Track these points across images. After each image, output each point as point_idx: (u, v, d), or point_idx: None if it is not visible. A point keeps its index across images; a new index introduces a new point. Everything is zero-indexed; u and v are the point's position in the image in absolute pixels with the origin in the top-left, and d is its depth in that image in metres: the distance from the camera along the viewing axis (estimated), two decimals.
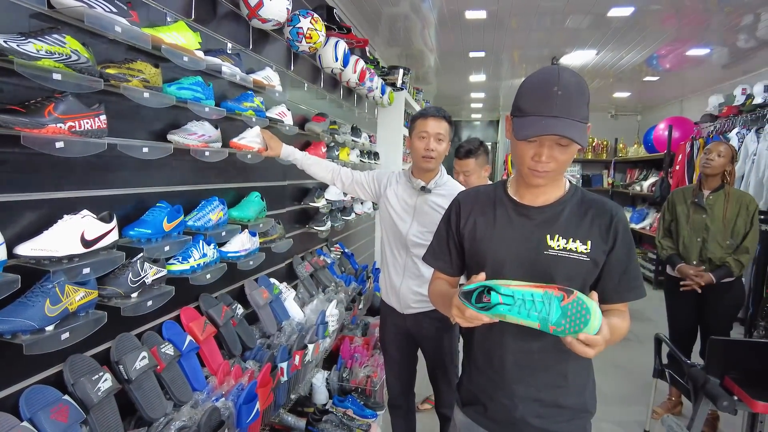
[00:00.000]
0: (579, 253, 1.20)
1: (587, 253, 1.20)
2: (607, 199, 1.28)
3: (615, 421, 3.26)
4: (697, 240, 3.09)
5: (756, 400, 2.18)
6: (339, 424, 2.43)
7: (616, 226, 1.22)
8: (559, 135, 1.09)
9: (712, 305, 3.06)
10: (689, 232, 3.13)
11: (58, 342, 1.16)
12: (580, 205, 1.25)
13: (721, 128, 5.70)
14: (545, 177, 1.19)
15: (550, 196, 1.26)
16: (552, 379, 1.27)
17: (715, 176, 3.08)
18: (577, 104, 1.12)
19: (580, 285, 1.21)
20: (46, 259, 1.16)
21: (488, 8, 4.32)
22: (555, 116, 1.10)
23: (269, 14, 2.09)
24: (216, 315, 1.89)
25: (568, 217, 1.23)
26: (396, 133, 5.01)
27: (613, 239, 1.22)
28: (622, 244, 1.22)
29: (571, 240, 1.21)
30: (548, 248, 1.21)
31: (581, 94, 1.13)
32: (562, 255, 1.20)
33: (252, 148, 2.06)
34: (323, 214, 3.03)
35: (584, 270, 1.21)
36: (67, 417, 1.16)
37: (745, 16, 4.30)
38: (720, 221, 3.01)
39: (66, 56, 1.14)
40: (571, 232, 1.21)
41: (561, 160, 1.16)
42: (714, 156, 3.04)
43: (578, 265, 1.20)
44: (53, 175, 1.28)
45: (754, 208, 3.00)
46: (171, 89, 1.58)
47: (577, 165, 10.01)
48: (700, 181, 3.18)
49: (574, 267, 1.20)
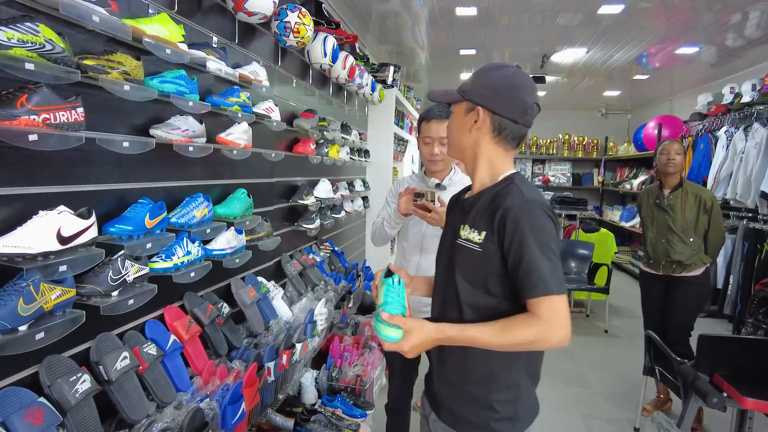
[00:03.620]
0: (473, 243, 1.23)
1: (479, 244, 1.22)
2: (522, 192, 1.21)
3: (605, 418, 3.27)
4: (662, 241, 3.13)
5: (745, 397, 2.18)
6: (328, 424, 2.40)
7: (503, 216, 1.18)
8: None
9: (675, 300, 3.12)
10: (655, 234, 3.18)
11: (33, 342, 1.12)
12: (494, 197, 1.25)
13: (709, 126, 5.74)
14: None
15: (476, 188, 1.34)
16: (457, 365, 1.31)
17: (675, 174, 3.13)
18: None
19: (479, 276, 1.23)
20: (20, 257, 1.11)
21: (479, 5, 4.31)
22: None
23: (255, 7, 2.05)
24: (201, 314, 1.85)
25: (479, 208, 1.27)
26: (386, 131, 4.98)
27: (499, 230, 1.18)
28: (511, 236, 1.16)
29: (473, 230, 1.24)
30: (458, 237, 1.28)
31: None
32: (463, 244, 1.26)
33: (239, 144, 2.02)
34: (312, 212, 3.00)
35: (477, 260, 1.22)
36: (43, 420, 1.12)
37: (734, 15, 4.32)
38: (681, 220, 3.06)
39: (40, 45, 1.09)
40: (476, 223, 1.25)
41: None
42: (674, 155, 3.10)
43: (471, 256, 1.23)
44: (28, 170, 1.24)
45: (711, 203, 3.04)
46: (153, 82, 1.54)
47: (568, 163, 10.05)
48: (660, 180, 3.22)
49: (468, 257, 1.24)
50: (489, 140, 1.29)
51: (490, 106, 1.26)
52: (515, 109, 1.26)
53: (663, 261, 3.13)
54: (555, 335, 1.11)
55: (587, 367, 4.13)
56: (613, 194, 9.37)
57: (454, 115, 1.35)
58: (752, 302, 3.82)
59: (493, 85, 1.26)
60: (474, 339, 1.17)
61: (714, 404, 2.25)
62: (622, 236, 8.48)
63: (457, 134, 1.34)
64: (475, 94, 1.28)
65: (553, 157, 10.10)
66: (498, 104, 1.25)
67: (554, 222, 1.20)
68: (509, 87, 1.25)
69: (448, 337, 1.18)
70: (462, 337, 1.18)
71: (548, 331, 1.11)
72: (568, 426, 3.18)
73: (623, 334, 5.00)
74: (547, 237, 1.16)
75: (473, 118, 1.28)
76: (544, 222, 1.17)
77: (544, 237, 1.15)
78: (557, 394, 3.59)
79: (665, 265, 3.13)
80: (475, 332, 1.16)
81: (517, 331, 1.13)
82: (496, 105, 1.25)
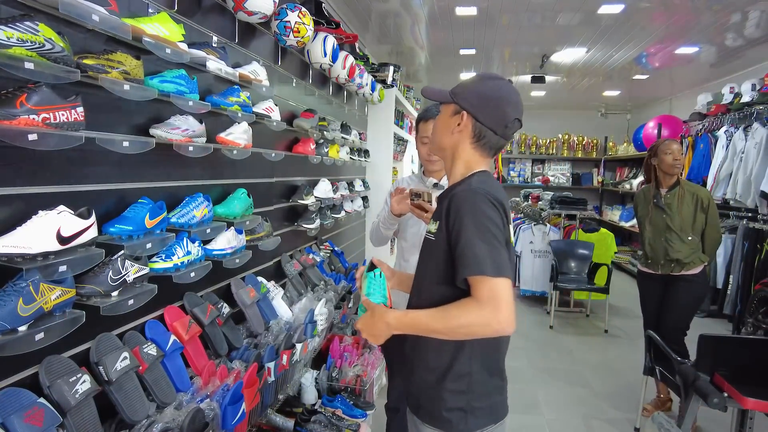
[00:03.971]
0: (431, 233, 1.31)
1: (434, 234, 1.29)
2: (471, 183, 1.28)
3: (605, 418, 3.26)
4: (661, 240, 3.12)
5: (746, 397, 2.18)
6: (328, 424, 2.40)
7: (448, 203, 1.25)
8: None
9: (673, 298, 3.11)
10: (653, 233, 3.17)
11: (33, 343, 1.12)
12: (450, 190, 1.32)
13: (709, 126, 5.74)
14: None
15: (448, 186, 1.39)
16: (420, 355, 1.34)
17: (674, 174, 3.12)
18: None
19: (434, 265, 1.28)
20: (19, 257, 1.11)
21: (479, 5, 4.31)
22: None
23: (255, 7, 2.04)
24: (201, 314, 1.85)
25: (439, 202, 1.35)
26: (386, 131, 4.97)
27: (446, 217, 1.24)
28: (453, 221, 1.21)
29: (434, 222, 1.32)
30: (428, 231, 1.36)
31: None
32: (426, 236, 1.35)
33: (239, 144, 2.02)
34: (312, 212, 2.99)
35: (433, 249, 1.28)
36: (42, 421, 1.12)
37: (733, 15, 4.32)
38: (678, 219, 3.06)
39: (39, 45, 1.09)
40: (435, 215, 1.34)
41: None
42: (679, 155, 3.09)
43: (429, 245, 1.32)
44: (27, 169, 1.23)
45: (707, 201, 3.04)
46: (153, 82, 1.54)
47: (567, 163, 10.05)
48: (657, 179, 3.19)
49: (427, 247, 1.34)
50: (468, 144, 1.34)
51: (474, 112, 1.31)
52: (497, 120, 1.31)
53: (662, 260, 3.12)
54: (494, 319, 1.10)
55: (587, 366, 4.13)
56: (613, 194, 9.37)
57: (442, 114, 1.40)
58: (752, 302, 3.83)
59: (481, 94, 1.31)
60: (416, 322, 1.22)
61: (715, 404, 2.24)
62: (622, 236, 8.48)
63: (440, 133, 1.40)
64: (462, 99, 1.33)
65: (552, 157, 10.11)
66: (482, 113, 1.30)
67: (500, 211, 1.21)
68: (496, 98, 1.31)
69: (396, 320, 1.24)
70: (406, 321, 1.23)
71: (487, 315, 1.11)
72: (568, 426, 3.18)
73: (623, 334, 5.00)
74: (487, 221, 1.18)
75: (457, 121, 1.33)
76: (486, 208, 1.19)
77: (483, 220, 1.18)
78: (557, 394, 3.59)
79: (664, 264, 3.12)
80: (416, 315, 1.22)
81: (454, 313, 1.14)
82: (479, 113, 1.30)
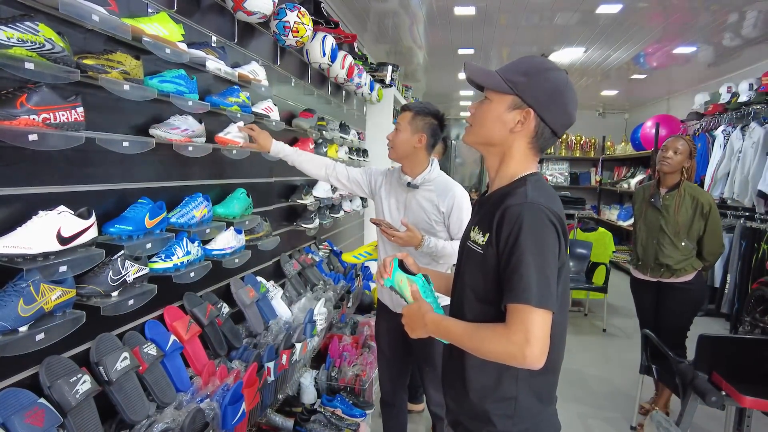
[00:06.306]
0: (478, 245, 1.17)
1: (482, 246, 1.15)
2: (526, 193, 1.13)
3: (603, 417, 3.28)
4: (652, 242, 2.98)
5: (744, 395, 2.19)
6: (327, 424, 2.40)
7: (501, 216, 1.11)
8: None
9: (668, 306, 2.99)
10: (646, 234, 3.03)
11: (33, 343, 1.12)
12: (502, 198, 1.16)
13: (707, 126, 5.76)
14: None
15: (494, 187, 1.25)
16: (459, 372, 1.24)
17: (673, 174, 2.94)
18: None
19: (480, 281, 1.17)
20: (20, 257, 1.11)
21: (477, 4, 4.31)
22: None
23: (255, 6, 2.04)
24: (201, 314, 1.85)
25: (488, 209, 1.19)
26: (385, 131, 4.94)
27: (497, 231, 1.11)
28: (506, 238, 1.08)
29: (480, 232, 1.18)
30: (469, 239, 1.22)
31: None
32: (471, 246, 1.20)
33: (237, 143, 2.01)
34: (311, 212, 2.99)
35: (479, 262, 1.16)
36: (43, 421, 1.12)
37: (731, 15, 4.33)
38: (674, 222, 2.90)
39: (39, 45, 1.09)
40: (482, 225, 1.18)
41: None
42: (671, 153, 2.89)
43: (474, 257, 1.18)
44: (27, 170, 1.23)
45: (708, 207, 2.85)
46: (153, 82, 1.54)
47: (565, 163, 10.07)
48: (658, 178, 3.07)
49: (473, 259, 1.19)
50: (524, 144, 1.20)
51: (541, 111, 1.16)
52: (562, 121, 1.19)
53: (651, 263, 2.98)
54: (520, 353, 1.01)
55: (585, 365, 4.14)
56: (611, 193, 9.38)
57: (493, 104, 1.19)
58: (749, 301, 3.83)
59: (548, 90, 1.16)
60: (449, 332, 1.17)
61: (713, 403, 2.25)
62: (620, 235, 8.48)
63: (491, 126, 1.20)
64: (528, 94, 1.16)
65: (550, 156, 10.11)
66: (549, 112, 1.16)
67: (557, 229, 1.09)
68: (563, 97, 1.17)
69: (433, 323, 1.19)
70: (441, 327, 1.18)
71: (515, 347, 1.01)
72: (565, 424, 3.11)
73: (621, 333, 5.02)
74: (542, 244, 1.06)
75: (517, 117, 1.17)
76: (543, 228, 1.07)
77: (538, 244, 1.06)
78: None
79: (653, 268, 2.98)
80: (450, 324, 1.16)
81: (484, 335, 1.08)
82: (546, 112, 1.16)
